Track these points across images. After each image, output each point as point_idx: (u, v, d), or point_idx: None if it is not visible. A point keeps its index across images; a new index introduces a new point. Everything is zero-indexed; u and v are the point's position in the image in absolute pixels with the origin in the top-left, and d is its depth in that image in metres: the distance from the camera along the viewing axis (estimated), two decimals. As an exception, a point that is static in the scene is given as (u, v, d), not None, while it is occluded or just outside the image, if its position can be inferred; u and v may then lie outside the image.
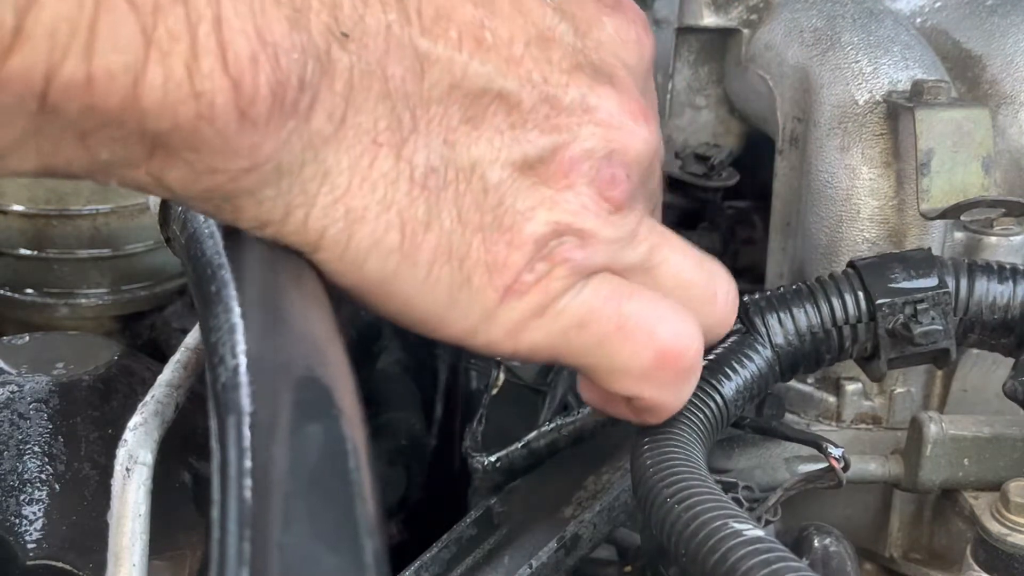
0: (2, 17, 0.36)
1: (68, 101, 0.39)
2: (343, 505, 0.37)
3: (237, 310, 0.42)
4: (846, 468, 0.67)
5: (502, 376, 0.81)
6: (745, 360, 0.66)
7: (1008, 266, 0.68)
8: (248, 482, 0.36)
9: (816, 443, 0.68)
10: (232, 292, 0.44)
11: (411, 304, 0.51)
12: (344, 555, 0.36)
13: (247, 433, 0.37)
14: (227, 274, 0.46)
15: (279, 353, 0.41)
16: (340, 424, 0.40)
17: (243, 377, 0.40)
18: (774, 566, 0.46)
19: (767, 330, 0.67)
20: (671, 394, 0.58)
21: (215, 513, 0.36)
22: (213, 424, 0.39)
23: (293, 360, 0.41)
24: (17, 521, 0.76)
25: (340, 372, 0.43)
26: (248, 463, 0.36)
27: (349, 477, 0.38)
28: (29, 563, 0.75)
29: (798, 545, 0.69)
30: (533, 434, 0.77)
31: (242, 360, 0.40)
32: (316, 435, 0.39)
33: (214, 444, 0.38)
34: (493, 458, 0.77)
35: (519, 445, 0.77)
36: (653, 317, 0.55)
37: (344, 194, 0.47)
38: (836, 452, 0.67)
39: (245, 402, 0.38)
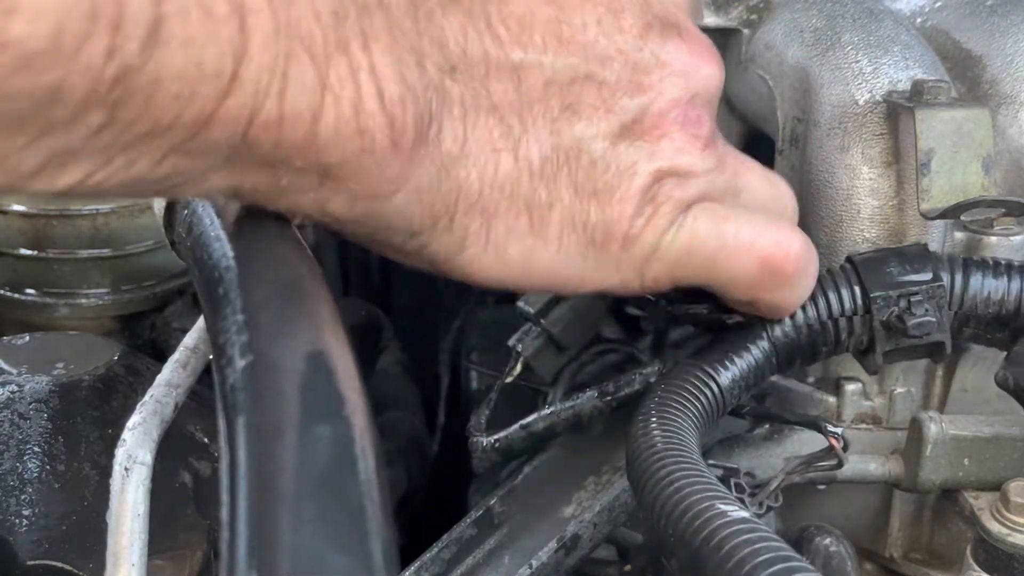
0: (224, 66, 0.43)
1: (264, 136, 0.45)
2: (353, 506, 0.38)
3: (245, 312, 0.43)
4: (845, 448, 0.67)
5: (519, 366, 0.82)
6: (743, 351, 0.67)
7: (1003, 261, 0.69)
8: (257, 483, 0.36)
9: (815, 424, 0.68)
10: (240, 294, 0.45)
11: (552, 273, 0.59)
12: (353, 556, 0.36)
13: (256, 434, 0.38)
14: (235, 276, 0.47)
15: (287, 354, 0.42)
16: (350, 425, 0.40)
17: (252, 378, 0.40)
18: (756, 545, 0.46)
19: (765, 322, 0.67)
20: (786, 295, 0.65)
21: (224, 514, 0.36)
22: (221, 425, 0.39)
23: (301, 361, 0.42)
24: (17, 521, 0.76)
25: (348, 373, 0.43)
26: (257, 464, 0.37)
27: (358, 478, 0.38)
28: (29, 563, 0.75)
29: (798, 545, 0.69)
30: (532, 417, 0.78)
31: (251, 361, 0.40)
32: (325, 436, 0.39)
33: (223, 445, 0.38)
34: (492, 438, 0.78)
35: (518, 426, 0.78)
36: (750, 232, 0.62)
37: (478, 199, 0.55)
38: (835, 431, 0.67)
39: (254, 403, 0.39)
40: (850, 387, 0.78)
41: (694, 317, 0.70)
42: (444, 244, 0.56)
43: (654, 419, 0.60)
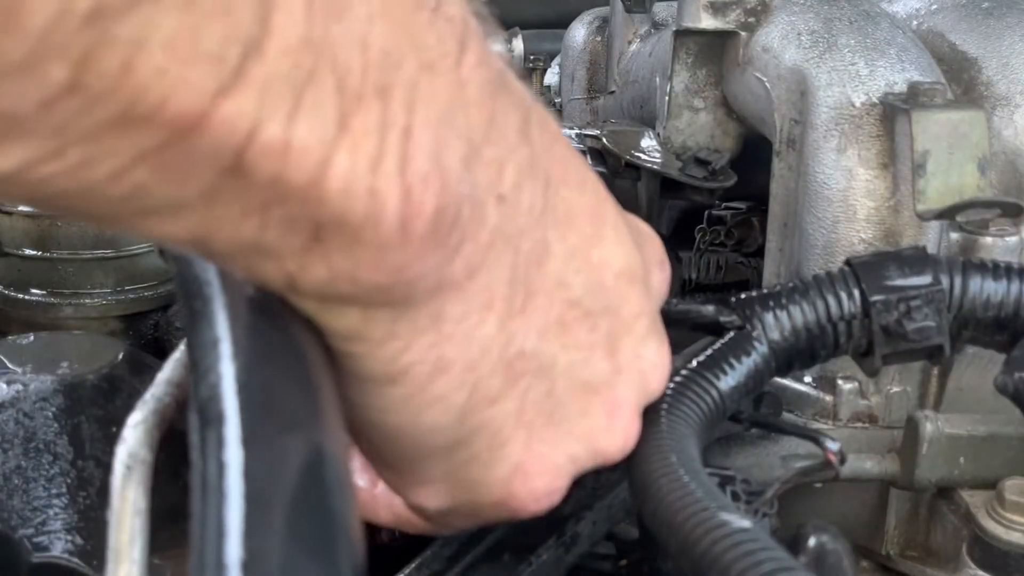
0: (228, 52, 0.35)
1: (262, 165, 0.37)
2: (322, 516, 0.38)
3: (221, 326, 0.42)
4: (843, 461, 0.67)
5: None
6: (742, 356, 0.66)
7: (1002, 264, 0.69)
8: (227, 494, 0.36)
9: (813, 437, 0.69)
10: (216, 308, 0.44)
11: (424, 456, 0.53)
12: (323, 564, 0.36)
13: (226, 446, 0.38)
14: (212, 290, 0.46)
15: (261, 368, 0.41)
16: (319, 434, 0.40)
17: (224, 391, 0.40)
18: (758, 555, 0.47)
19: (763, 326, 0.67)
20: None
21: (195, 525, 0.36)
22: (194, 437, 0.39)
23: (275, 374, 0.42)
24: (22, 519, 0.77)
25: (321, 384, 0.43)
26: (227, 475, 0.37)
27: (327, 488, 0.38)
28: (34, 561, 0.76)
29: (794, 543, 0.69)
30: None
31: (224, 374, 0.40)
32: (295, 446, 0.39)
33: (194, 456, 0.39)
34: None
35: None
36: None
37: (444, 342, 0.48)
38: (832, 446, 0.67)
39: (225, 415, 0.39)
40: (847, 386, 0.78)
41: (690, 319, 0.71)
42: (378, 369, 0.48)
43: (655, 428, 0.60)
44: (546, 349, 0.53)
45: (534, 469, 0.55)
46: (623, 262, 0.55)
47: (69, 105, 0.33)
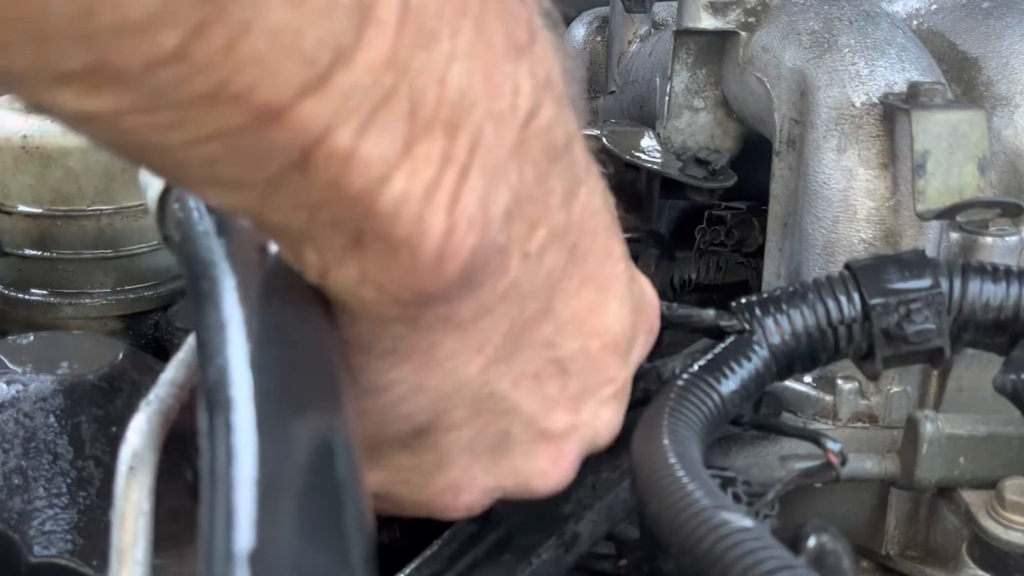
0: (321, 55, 0.36)
1: (325, 168, 0.39)
2: (332, 504, 0.37)
3: (228, 308, 0.42)
4: (843, 463, 0.67)
5: None
6: (743, 360, 0.67)
7: (1001, 267, 0.69)
8: (236, 481, 0.36)
9: (813, 438, 0.69)
10: (224, 290, 0.44)
11: (372, 449, 0.54)
12: (332, 554, 0.36)
13: (235, 431, 0.38)
14: (220, 272, 0.46)
15: (269, 351, 0.41)
16: (330, 421, 0.40)
17: (232, 375, 0.40)
18: (760, 554, 0.47)
19: (763, 330, 0.67)
20: None
21: (203, 512, 0.36)
22: (203, 422, 0.39)
23: (283, 358, 0.41)
24: (22, 519, 0.77)
25: (331, 369, 0.43)
26: (236, 462, 0.37)
27: (337, 476, 0.38)
28: (34, 560, 0.75)
29: (794, 542, 0.69)
30: None
31: (232, 357, 0.40)
32: (305, 433, 0.39)
33: (203, 442, 0.38)
34: None
35: None
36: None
37: (423, 370, 0.50)
38: (834, 447, 0.67)
39: (233, 400, 0.39)
40: (847, 386, 0.78)
41: (691, 323, 0.71)
42: (370, 375, 0.50)
43: (658, 431, 0.60)
44: (515, 396, 0.55)
45: (464, 487, 0.58)
46: (613, 334, 0.57)
47: (170, 71, 0.34)
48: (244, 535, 0.35)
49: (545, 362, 0.55)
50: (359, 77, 0.38)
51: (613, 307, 0.57)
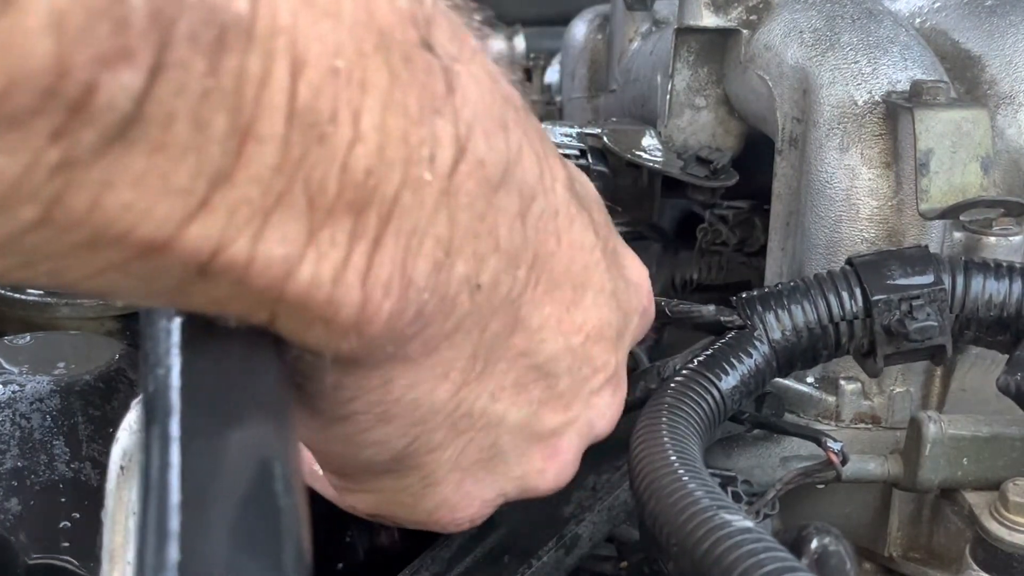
0: (196, 186, 0.36)
1: (223, 275, 0.39)
2: (269, 514, 0.37)
3: (172, 319, 0.42)
4: (844, 461, 0.67)
5: None
6: (743, 355, 0.66)
7: (1004, 264, 0.68)
8: (169, 491, 0.36)
9: (815, 437, 0.68)
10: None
11: (360, 474, 0.56)
12: (267, 564, 0.36)
13: (170, 441, 0.37)
14: None
15: (210, 361, 0.41)
16: (266, 433, 0.39)
17: (171, 384, 0.39)
18: (760, 556, 0.46)
19: (764, 326, 0.67)
20: None
21: (136, 522, 0.36)
22: (141, 432, 0.39)
23: (224, 367, 0.41)
24: (19, 520, 0.76)
25: (271, 379, 0.42)
26: (169, 471, 0.36)
27: (274, 486, 0.38)
28: (30, 562, 0.75)
29: (797, 544, 0.69)
30: None
31: (171, 367, 0.40)
32: (241, 442, 0.38)
33: (139, 453, 0.38)
34: None
35: None
36: None
37: (390, 402, 0.50)
38: (834, 445, 0.67)
39: (170, 410, 0.38)
40: (849, 387, 0.78)
41: (691, 319, 0.70)
42: (328, 403, 0.50)
43: (657, 428, 0.60)
44: (496, 408, 0.55)
45: (460, 504, 0.58)
46: (595, 325, 0.57)
47: (39, 235, 0.35)
48: (173, 548, 0.34)
49: (524, 370, 0.55)
50: (244, 191, 0.37)
51: (590, 299, 0.57)
